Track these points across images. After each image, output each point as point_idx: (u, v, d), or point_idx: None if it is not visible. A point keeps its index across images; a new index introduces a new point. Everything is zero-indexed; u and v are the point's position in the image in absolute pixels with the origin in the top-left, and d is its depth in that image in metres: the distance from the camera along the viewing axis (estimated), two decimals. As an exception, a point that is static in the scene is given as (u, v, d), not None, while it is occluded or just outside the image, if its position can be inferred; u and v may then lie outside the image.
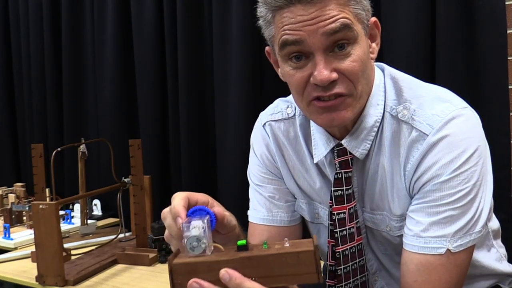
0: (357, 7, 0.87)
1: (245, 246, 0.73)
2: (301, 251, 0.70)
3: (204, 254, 0.73)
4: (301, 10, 0.84)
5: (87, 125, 2.54)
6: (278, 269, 0.71)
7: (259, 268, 0.71)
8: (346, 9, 0.85)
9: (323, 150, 1.01)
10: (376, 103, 0.96)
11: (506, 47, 1.49)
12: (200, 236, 0.72)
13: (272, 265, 0.71)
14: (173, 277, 0.73)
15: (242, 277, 0.70)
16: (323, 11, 0.84)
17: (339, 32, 0.84)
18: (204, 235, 0.73)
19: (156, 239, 1.72)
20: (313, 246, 0.71)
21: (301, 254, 0.70)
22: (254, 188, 1.14)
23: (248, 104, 1.92)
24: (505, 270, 1.08)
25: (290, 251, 0.71)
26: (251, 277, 0.70)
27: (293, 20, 0.85)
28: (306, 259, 0.70)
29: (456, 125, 0.88)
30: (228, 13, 1.95)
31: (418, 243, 0.89)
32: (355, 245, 1.01)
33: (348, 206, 1.00)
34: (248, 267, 0.71)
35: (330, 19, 0.84)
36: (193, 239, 0.73)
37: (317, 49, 0.85)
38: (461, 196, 0.87)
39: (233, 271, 0.70)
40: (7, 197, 2.42)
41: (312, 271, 0.70)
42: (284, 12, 0.86)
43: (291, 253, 0.70)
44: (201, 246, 0.73)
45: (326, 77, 0.85)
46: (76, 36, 2.52)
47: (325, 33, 0.84)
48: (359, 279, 1.02)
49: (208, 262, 0.72)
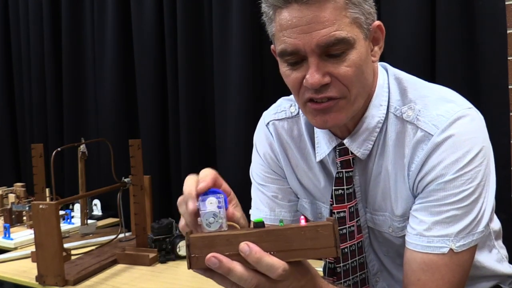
0: (356, 11, 0.86)
1: (262, 223, 0.72)
2: (320, 225, 0.71)
3: (221, 230, 0.72)
4: (297, 11, 0.85)
5: (87, 125, 2.54)
6: (297, 243, 0.70)
7: (277, 242, 0.70)
8: (342, 14, 0.85)
9: (325, 149, 1.01)
10: (379, 103, 0.96)
11: (506, 47, 1.49)
12: (216, 212, 0.72)
13: (291, 239, 0.70)
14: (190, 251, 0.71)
15: (262, 251, 0.69)
16: (318, 16, 0.84)
17: (333, 46, 0.85)
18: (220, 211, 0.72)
19: (156, 239, 1.72)
20: (332, 221, 0.71)
21: (320, 227, 0.71)
22: (257, 187, 1.14)
23: (248, 104, 1.92)
24: (506, 271, 1.09)
25: (309, 225, 0.71)
26: (269, 251, 0.70)
27: (290, 24, 0.86)
28: (325, 232, 0.70)
29: (461, 126, 0.89)
30: (228, 13, 1.95)
31: (421, 242, 0.89)
32: (355, 243, 1.01)
33: (349, 205, 1.00)
34: (267, 241, 0.70)
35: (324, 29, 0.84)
36: (209, 215, 0.72)
37: (311, 54, 0.86)
38: (465, 196, 0.87)
39: (253, 244, 0.69)
40: (7, 197, 2.42)
41: (331, 245, 0.70)
42: (283, 11, 0.87)
43: (310, 227, 0.71)
44: (218, 221, 0.71)
45: (317, 81, 0.86)
46: (76, 36, 2.52)
47: (318, 45, 0.84)
48: (358, 276, 1.03)
49: (226, 235, 0.71)
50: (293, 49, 0.86)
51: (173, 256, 1.71)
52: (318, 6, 0.83)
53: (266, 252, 0.69)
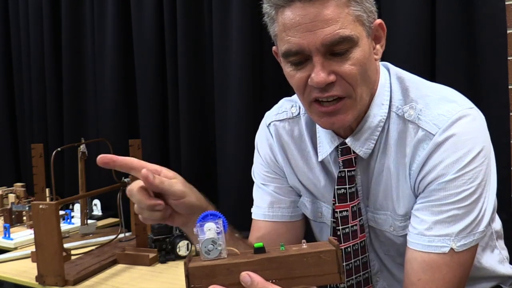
0: (358, 9, 0.87)
1: (262, 248, 0.71)
2: (323, 251, 0.69)
3: (220, 257, 0.70)
4: (300, 9, 0.85)
5: (87, 125, 2.53)
6: (299, 270, 0.69)
7: (280, 270, 0.69)
8: (345, 11, 0.85)
9: (327, 148, 1.02)
10: (380, 102, 0.96)
11: (506, 47, 1.49)
12: (215, 238, 0.70)
13: (294, 266, 0.69)
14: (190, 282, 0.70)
15: (264, 281, 0.68)
16: (321, 14, 0.84)
17: (337, 44, 0.85)
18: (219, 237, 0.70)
19: (156, 239, 1.71)
20: (334, 245, 0.69)
21: (323, 253, 0.69)
22: (258, 186, 1.15)
23: (248, 105, 1.92)
24: (506, 272, 1.09)
25: (312, 251, 0.69)
26: (271, 279, 0.68)
27: (294, 22, 0.86)
28: (328, 258, 0.69)
29: (462, 125, 0.89)
30: (228, 13, 1.95)
31: (422, 242, 0.90)
32: (358, 243, 1.01)
33: (351, 204, 1.00)
34: (269, 269, 0.68)
35: (328, 27, 0.84)
36: (208, 242, 0.70)
37: (316, 53, 0.86)
38: (465, 196, 0.87)
39: (254, 274, 0.68)
40: (7, 197, 2.41)
41: (334, 271, 0.69)
42: (286, 10, 0.87)
43: (313, 253, 0.69)
44: (217, 248, 0.70)
45: (323, 79, 0.86)
46: (76, 36, 2.52)
47: (323, 43, 0.85)
48: (361, 275, 1.03)
49: (227, 265, 0.69)
50: (297, 48, 0.86)
51: (173, 256, 1.71)
52: (321, 3, 0.84)
53: (268, 280, 0.68)
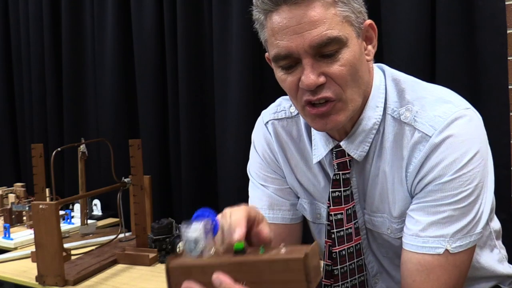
0: (345, 9, 0.87)
1: (242, 250, 0.73)
2: (290, 259, 0.70)
3: (202, 256, 0.74)
4: (287, 12, 0.85)
5: (87, 125, 2.53)
6: (267, 276, 0.71)
7: (250, 273, 0.71)
8: (332, 12, 0.85)
9: (322, 151, 1.01)
10: (375, 105, 0.96)
11: (506, 47, 1.49)
12: (197, 239, 0.73)
13: (262, 271, 0.71)
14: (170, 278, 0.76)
15: (232, 283, 0.71)
16: (307, 15, 0.84)
17: (326, 46, 0.85)
18: (203, 238, 0.73)
19: (156, 239, 1.71)
20: (304, 253, 0.69)
21: (290, 261, 0.70)
22: (256, 186, 1.14)
23: (248, 104, 1.92)
24: (506, 272, 1.08)
25: (280, 258, 0.71)
26: (241, 281, 0.71)
27: (281, 26, 0.86)
28: (295, 267, 0.69)
29: (458, 126, 0.88)
30: (228, 14, 1.95)
31: (416, 243, 0.89)
32: (353, 246, 1.01)
33: (346, 207, 1.00)
34: (240, 272, 0.71)
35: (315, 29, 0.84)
36: (190, 241, 0.74)
37: (304, 55, 0.86)
38: (462, 197, 0.87)
39: (224, 276, 0.71)
40: (7, 197, 2.42)
41: (301, 279, 0.69)
42: (273, 15, 0.88)
43: (280, 260, 0.70)
44: (197, 248, 0.74)
45: (313, 81, 0.86)
46: (76, 36, 2.52)
47: (311, 45, 0.85)
48: (357, 279, 1.02)
49: (202, 266, 0.73)
50: (286, 52, 0.87)
51: (173, 256, 1.71)
52: (307, 5, 0.84)
53: (238, 282, 0.71)
